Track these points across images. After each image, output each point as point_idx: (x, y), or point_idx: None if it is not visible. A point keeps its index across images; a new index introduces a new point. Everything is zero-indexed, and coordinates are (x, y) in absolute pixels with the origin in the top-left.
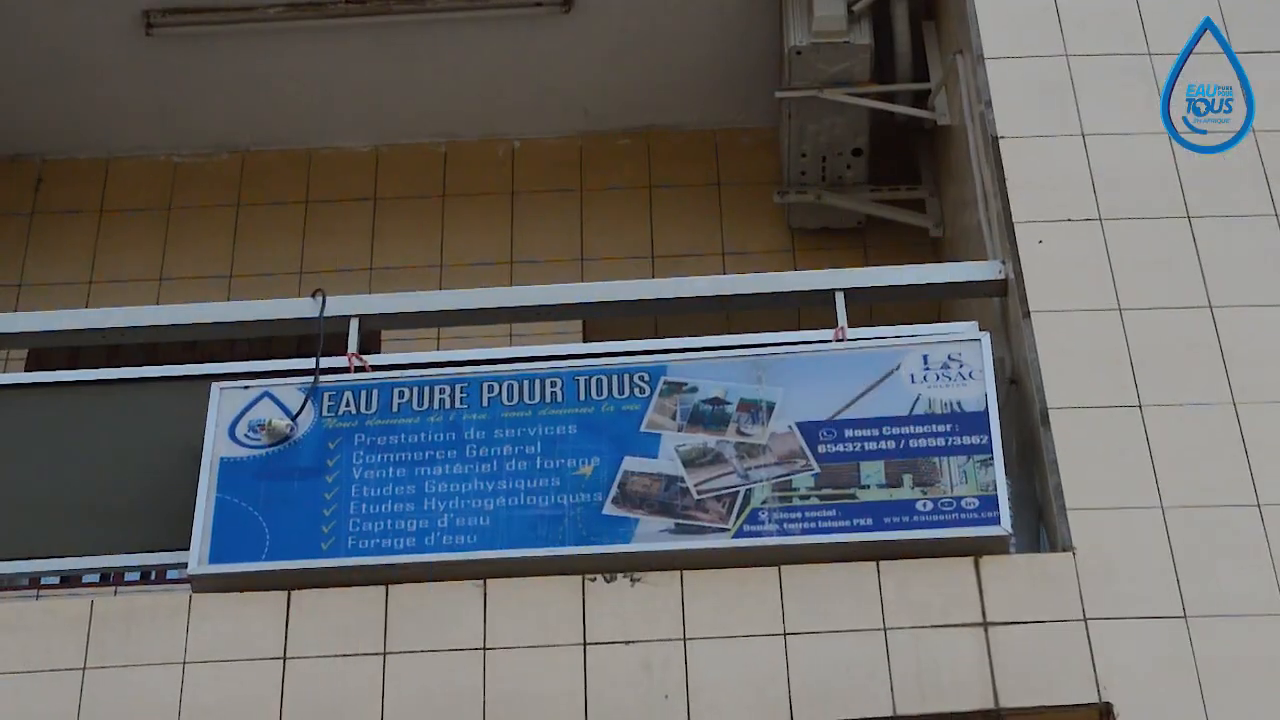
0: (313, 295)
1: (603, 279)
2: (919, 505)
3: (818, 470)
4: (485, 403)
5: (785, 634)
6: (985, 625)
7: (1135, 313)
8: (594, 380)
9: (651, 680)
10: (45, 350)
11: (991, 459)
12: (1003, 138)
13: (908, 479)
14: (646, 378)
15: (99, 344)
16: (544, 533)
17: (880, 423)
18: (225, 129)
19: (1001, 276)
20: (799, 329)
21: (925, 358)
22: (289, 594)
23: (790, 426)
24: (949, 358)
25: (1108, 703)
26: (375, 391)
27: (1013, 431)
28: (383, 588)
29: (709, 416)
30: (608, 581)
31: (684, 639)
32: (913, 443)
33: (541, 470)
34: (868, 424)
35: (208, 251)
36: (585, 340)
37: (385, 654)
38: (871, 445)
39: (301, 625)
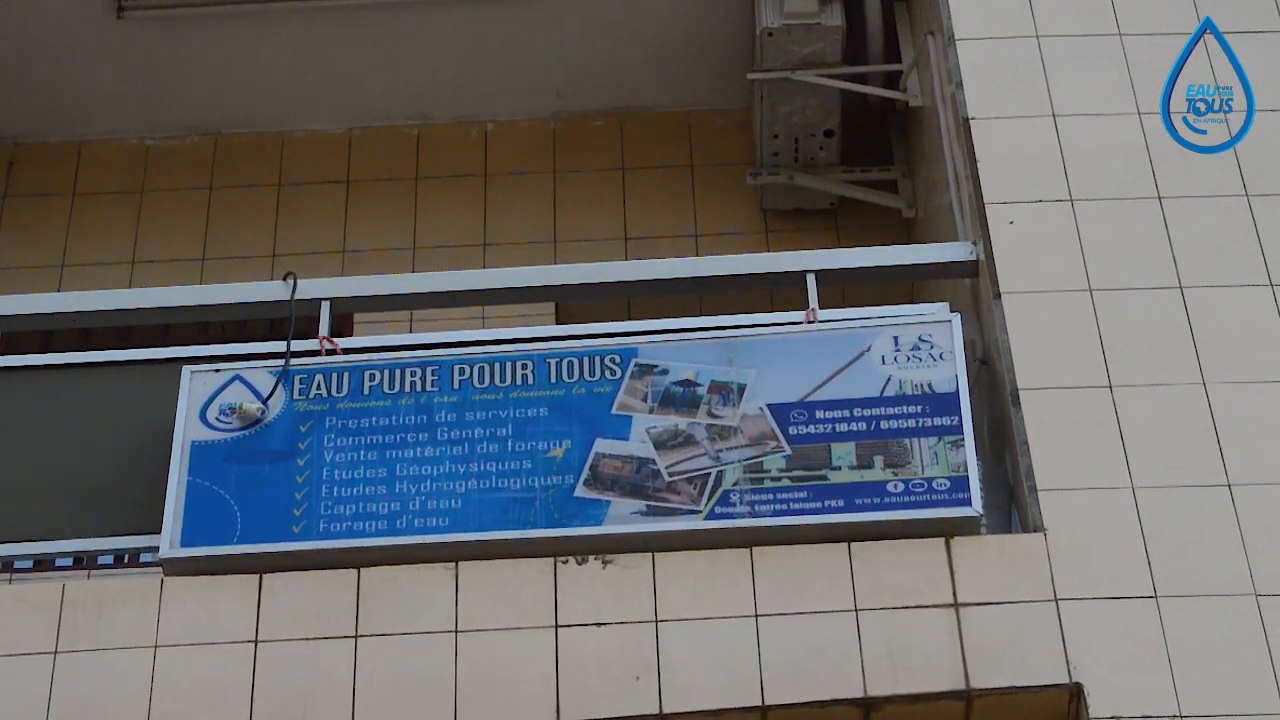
0: (284, 278)
1: (576, 261)
2: (890, 486)
3: (789, 452)
4: (456, 385)
5: (757, 615)
6: (956, 606)
7: (1106, 293)
8: (565, 362)
9: (623, 662)
10: (17, 333)
11: (962, 440)
12: (974, 119)
13: (879, 460)
14: (618, 360)
15: (71, 327)
16: (515, 515)
17: (851, 404)
18: (198, 112)
19: (973, 257)
20: (771, 310)
21: (896, 339)
22: (260, 577)
23: (761, 408)
24: (920, 339)
25: (1078, 683)
26: (346, 374)
27: (984, 412)
28: (354, 571)
29: (680, 398)
30: (579, 564)
31: (656, 621)
32: (884, 424)
33: (513, 453)
34: (839, 405)
35: (180, 234)
36: (558, 323)
37: (357, 637)
38: (842, 427)
39: (273, 608)
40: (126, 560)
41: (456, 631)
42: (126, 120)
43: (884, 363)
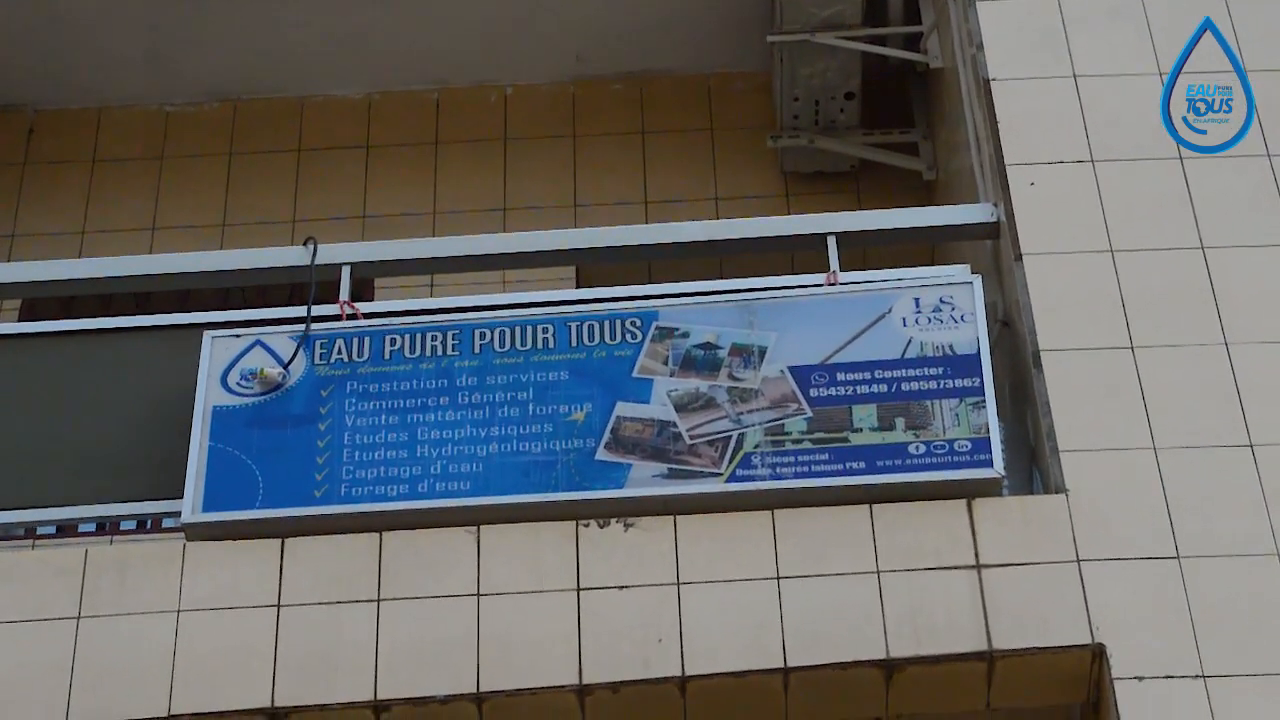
0: (304, 243)
1: (596, 225)
2: (911, 448)
3: (810, 414)
4: (477, 349)
5: (778, 578)
6: (978, 568)
7: (1127, 254)
8: (586, 326)
9: (645, 625)
10: (39, 300)
11: (983, 401)
12: (994, 80)
13: (900, 422)
14: (638, 323)
15: (92, 293)
16: (537, 479)
17: (872, 366)
18: (217, 77)
19: (993, 219)
20: (792, 273)
21: (917, 301)
22: (283, 542)
23: (782, 370)
24: (941, 301)
25: (1100, 644)
26: (367, 339)
27: (1005, 374)
28: (376, 535)
29: (701, 361)
30: (601, 527)
31: (677, 583)
32: (905, 386)
33: (534, 416)
34: (860, 367)
35: (200, 200)
36: (578, 286)
37: (379, 601)
38: (864, 389)
39: (295, 573)
40: (149, 525)
41: (478, 595)
42: (146, 86)
43: (905, 325)
